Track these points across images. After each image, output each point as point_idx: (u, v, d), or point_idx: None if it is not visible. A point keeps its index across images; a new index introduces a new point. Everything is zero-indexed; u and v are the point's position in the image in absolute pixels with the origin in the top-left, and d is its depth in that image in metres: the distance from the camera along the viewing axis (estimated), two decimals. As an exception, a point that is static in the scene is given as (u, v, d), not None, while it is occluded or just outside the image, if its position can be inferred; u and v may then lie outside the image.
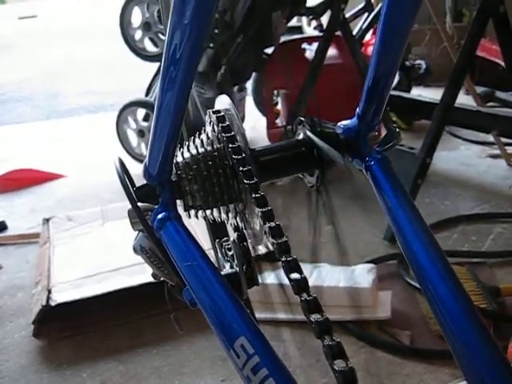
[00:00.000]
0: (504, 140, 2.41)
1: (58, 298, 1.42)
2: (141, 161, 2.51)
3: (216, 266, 0.58)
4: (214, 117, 0.62)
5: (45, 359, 1.38)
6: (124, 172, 0.66)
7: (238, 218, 0.65)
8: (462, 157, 2.57)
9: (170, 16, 0.49)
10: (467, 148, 2.68)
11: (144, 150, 2.58)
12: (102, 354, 1.37)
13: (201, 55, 0.52)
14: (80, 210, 2.06)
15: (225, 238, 0.75)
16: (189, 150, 0.64)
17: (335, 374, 0.41)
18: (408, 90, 3.02)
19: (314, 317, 0.44)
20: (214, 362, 1.31)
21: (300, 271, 0.48)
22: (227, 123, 0.61)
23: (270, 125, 2.63)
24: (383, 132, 0.63)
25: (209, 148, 0.62)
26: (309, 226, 0.68)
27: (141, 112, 2.58)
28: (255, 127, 2.72)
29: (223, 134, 0.60)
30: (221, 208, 0.64)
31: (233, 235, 0.68)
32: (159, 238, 0.62)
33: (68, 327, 1.46)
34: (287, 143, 0.64)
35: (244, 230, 0.66)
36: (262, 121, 2.74)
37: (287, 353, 1.28)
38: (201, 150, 0.63)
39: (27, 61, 6.12)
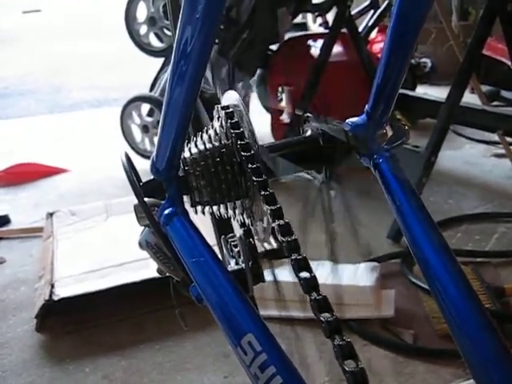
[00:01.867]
0: (509, 139, 2.40)
1: (61, 292, 1.42)
2: (145, 156, 2.52)
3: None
4: (222, 113, 0.61)
5: (47, 354, 1.38)
6: (131, 167, 0.66)
7: (244, 215, 0.65)
8: (466, 156, 2.56)
9: (181, 10, 0.48)
10: (472, 147, 2.67)
11: (148, 146, 2.57)
12: (105, 349, 1.37)
13: (211, 50, 0.51)
14: (83, 204, 2.05)
15: (230, 235, 0.75)
16: (196, 146, 0.64)
17: (346, 375, 0.41)
18: (413, 88, 3.01)
19: (324, 316, 0.44)
20: (217, 359, 1.31)
21: (310, 270, 0.48)
22: (236, 119, 0.60)
23: (275, 121, 2.62)
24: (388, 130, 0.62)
25: (217, 144, 0.62)
26: (310, 224, 0.67)
27: (145, 107, 2.58)
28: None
29: (231, 131, 0.60)
30: (228, 204, 0.64)
31: (239, 231, 0.68)
32: (165, 234, 0.62)
33: (71, 322, 1.46)
34: (295, 140, 0.64)
35: (251, 227, 0.66)
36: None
37: (289, 350, 1.27)
38: (209, 145, 0.62)
39: (30, 55, 6.10)
